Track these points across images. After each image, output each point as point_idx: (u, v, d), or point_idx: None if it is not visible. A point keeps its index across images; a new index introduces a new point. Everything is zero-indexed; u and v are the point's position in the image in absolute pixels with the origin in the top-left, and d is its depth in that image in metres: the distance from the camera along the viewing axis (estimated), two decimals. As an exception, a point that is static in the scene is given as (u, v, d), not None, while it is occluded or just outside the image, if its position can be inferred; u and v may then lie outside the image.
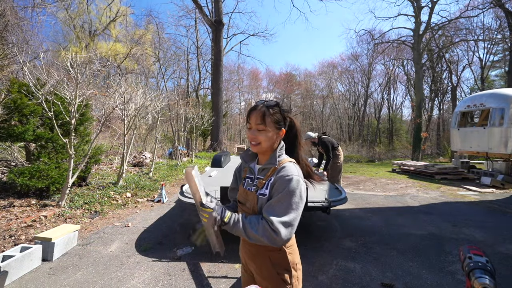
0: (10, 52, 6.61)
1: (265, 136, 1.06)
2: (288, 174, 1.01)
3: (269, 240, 0.94)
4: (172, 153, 11.76)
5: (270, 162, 1.09)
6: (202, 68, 22.58)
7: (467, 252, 0.79)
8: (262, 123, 1.05)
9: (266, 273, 1.09)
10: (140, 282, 2.43)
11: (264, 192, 1.05)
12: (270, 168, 1.08)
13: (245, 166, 1.23)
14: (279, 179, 1.02)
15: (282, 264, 1.09)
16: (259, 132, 1.07)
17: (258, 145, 1.08)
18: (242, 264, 1.26)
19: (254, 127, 1.08)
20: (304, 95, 32.19)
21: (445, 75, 25.97)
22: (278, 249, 1.08)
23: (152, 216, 4.39)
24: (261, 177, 1.10)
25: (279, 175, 1.03)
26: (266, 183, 1.06)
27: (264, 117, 1.05)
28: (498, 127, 7.42)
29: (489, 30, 20.39)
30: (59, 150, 4.91)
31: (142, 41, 20.77)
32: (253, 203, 1.07)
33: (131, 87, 6.41)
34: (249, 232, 0.97)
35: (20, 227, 3.41)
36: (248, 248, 1.16)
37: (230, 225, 0.99)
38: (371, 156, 20.43)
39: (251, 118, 1.08)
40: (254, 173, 1.16)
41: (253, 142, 1.08)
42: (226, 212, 1.00)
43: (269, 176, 1.07)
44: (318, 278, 2.50)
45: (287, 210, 0.96)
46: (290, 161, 1.09)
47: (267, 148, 1.09)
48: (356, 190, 6.85)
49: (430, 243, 3.38)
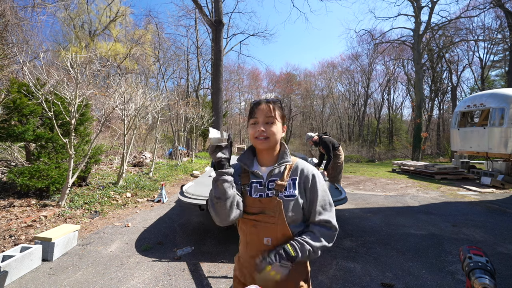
0: (10, 52, 6.60)
1: (274, 130, 0.99)
2: (310, 169, 1.03)
3: (332, 239, 0.96)
4: (172, 153, 11.77)
5: (283, 160, 1.02)
6: (202, 68, 22.58)
7: (467, 252, 0.79)
8: (272, 115, 0.99)
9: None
10: (140, 282, 2.43)
11: (293, 193, 0.97)
12: (285, 167, 1.01)
13: (246, 171, 1.06)
14: (306, 177, 1.00)
15: (303, 275, 1.04)
16: (267, 125, 0.99)
17: (266, 139, 0.99)
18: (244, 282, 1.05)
19: (262, 120, 0.99)
20: (304, 95, 32.17)
21: (445, 75, 26.00)
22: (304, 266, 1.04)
23: (152, 216, 4.39)
24: (275, 179, 1.00)
25: (304, 173, 1.01)
26: (290, 183, 0.98)
27: (273, 110, 1.00)
28: (498, 127, 7.43)
29: (489, 30, 20.41)
30: (59, 150, 4.90)
31: (142, 41, 20.76)
32: (277, 208, 0.95)
33: (131, 87, 6.41)
34: (316, 247, 0.92)
35: (20, 227, 3.41)
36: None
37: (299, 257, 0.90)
38: (371, 156, 20.44)
39: (257, 112, 1.00)
40: (261, 177, 1.02)
41: (261, 137, 0.99)
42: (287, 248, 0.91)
43: (288, 175, 1.00)
44: (318, 278, 2.50)
45: (329, 203, 1.00)
46: (298, 159, 1.08)
47: (274, 144, 1.02)
48: (356, 190, 6.85)
49: (430, 243, 3.37)
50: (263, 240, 0.98)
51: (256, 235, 0.99)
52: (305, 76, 34.23)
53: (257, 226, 0.98)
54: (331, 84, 32.47)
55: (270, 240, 0.97)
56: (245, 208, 1.01)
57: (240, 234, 1.08)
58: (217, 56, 13.79)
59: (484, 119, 8.40)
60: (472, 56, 23.73)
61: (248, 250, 1.03)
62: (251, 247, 1.02)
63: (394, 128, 29.95)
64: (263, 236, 0.98)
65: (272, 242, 0.96)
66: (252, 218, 0.99)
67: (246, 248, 1.04)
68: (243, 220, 1.03)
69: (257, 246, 1.00)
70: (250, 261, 1.01)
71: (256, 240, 1.00)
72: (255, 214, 0.99)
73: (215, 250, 3.11)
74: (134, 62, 20.27)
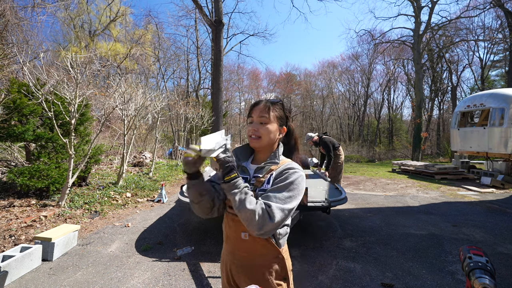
0: (10, 52, 6.60)
1: (267, 130, 1.01)
2: (293, 167, 0.99)
3: (259, 221, 0.84)
4: (172, 153, 11.77)
5: (271, 160, 1.02)
6: (202, 68, 22.56)
7: (467, 252, 0.79)
8: (265, 115, 1.01)
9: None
10: (140, 282, 2.43)
11: (266, 187, 0.97)
12: (270, 167, 1.01)
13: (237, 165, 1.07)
14: (282, 171, 0.98)
15: (281, 273, 1.01)
16: (261, 125, 1.01)
17: (258, 139, 1.01)
18: (226, 278, 1.07)
19: (256, 120, 1.02)
20: (304, 95, 32.16)
21: (445, 75, 25.97)
22: (277, 257, 0.99)
23: (152, 216, 4.39)
24: (258, 175, 1.01)
25: (283, 168, 0.99)
26: (267, 179, 0.98)
27: (268, 110, 1.02)
28: (498, 127, 7.42)
29: (490, 30, 20.40)
30: (59, 150, 4.90)
31: (142, 41, 20.75)
32: None
33: (131, 87, 6.41)
34: (246, 202, 0.86)
35: (20, 227, 3.41)
36: (239, 260, 1.02)
37: (231, 182, 0.88)
38: (371, 156, 20.44)
39: (253, 112, 1.03)
40: (248, 173, 1.05)
41: (254, 136, 1.01)
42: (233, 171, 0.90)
43: (270, 173, 1.00)
44: (318, 278, 2.50)
45: (288, 198, 0.90)
46: (291, 161, 1.07)
47: (267, 144, 1.03)
48: (356, 190, 6.85)
49: (430, 243, 3.37)
50: (241, 234, 0.99)
51: (234, 230, 1.01)
52: (305, 76, 34.22)
53: (235, 220, 0.98)
54: (331, 84, 32.47)
55: (248, 234, 0.97)
56: (228, 202, 1.01)
57: (223, 230, 1.10)
58: (217, 56, 13.79)
59: (484, 119, 8.40)
60: (472, 56, 23.75)
61: (227, 245, 1.06)
62: (229, 242, 1.05)
63: (394, 128, 29.94)
64: (241, 231, 0.99)
65: (250, 236, 0.97)
66: (232, 212, 1.00)
67: (226, 243, 1.07)
68: (226, 214, 1.05)
69: (235, 240, 1.02)
70: (229, 256, 1.05)
71: (234, 234, 1.02)
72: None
73: (215, 250, 3.11)
74: (134, 62, 20.26)
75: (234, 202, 0.88)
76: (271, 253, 1.00)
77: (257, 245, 0.98)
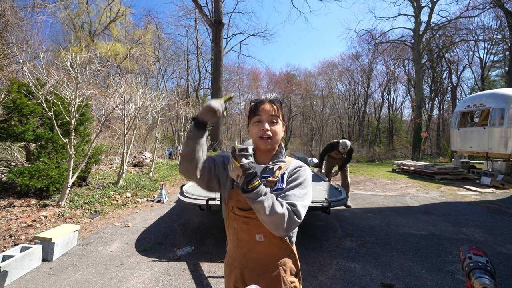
0: (10, 52, 6.60)
1: (278, 130, 1.01)
2: (302, 164, 1.02)
3: (289, 222, 0.84)
4: (172, 153, 11.77)
5: (279, 159, 1.03)
6: (202, 68, 22.59)
7: (467, 252, 0.79)
8: (276, 115, 1.01)
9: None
10: (140, 282, 2.43)
11: (281, 186, 0.96)
12: (278, 166, 1.02)
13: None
14: (294, 169, 1.00)
15: (294, 270, 1.02)
16: (272, 124, 1.01)
17: (270, 139, 0.99)
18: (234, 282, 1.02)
19: (267, 119, 1.00)
20: (304, 95, 32.12)
21: (445, 75, 25.98)
22: (289, 255, 1.01)
23: (152, 216, 4.39)
24: (268, 175, 1.00)
25: (294, 166, 1.01)
26: (280, 178, 0.98)
27: (277, 110, 1.02)
28: (498, 127, 7.43)
29: (489, 30, 20.39)
30: (59, 150, 4.90)
31: (141, 41, 20.76)
32: None
33: (131, 87, 6.41)
34: (275, 206, 0.83)
35: (20, 227, 3.41)
36: (253, 262, 0.99)
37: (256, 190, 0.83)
38: (371, 156, 20.45)
39: (261, 110, 1.01)
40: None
41: (265, 136, 0.99)
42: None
43: (280, 172, 1.00)
44: (318, 278, 2.50)
45: (305, 195, 0.93)
46: (292, 158, 1.09)
47: (276, 143, 1.03)
48: (356, 190, 6.85)
49: (430, 243, 3.37)
50: (255, 236, 0.97)
51: (247, 232, 0.98)
52: (305, 76, 34.18)
53: (249, 222, 0.97)
54: (331, 84, 32.45)
55: (263, 236, 0.96)
56: (237, 204, 0.99)
57: (229, 233, 1.06)
58: (217, 56, 13.79)
59: (484, 119, 8.40)
60: (472, 56, 23.76)
61: (239, 248, 1.01)
62: (242, 245, 1.00)
63: (394, 128, 29.93)
64: (255, 233, 0.96)
65: (265, 238, 0.96)
66: (244, 215, 0.97)
67: (237, 247, 1.02)
68: (234, 217, 1.00)
69: (248, 243, 0.99)
70: (241, 260, 1.00)
71: (247, 237, 0.98)
72: (246, 210, 0.96)
73: (215, 250, 3.11)
74: (134, 62, 20.26)
75: (262, 209, 0.83)
76: (285, 251, 1.00)
77: (272, 246, 0.98)
